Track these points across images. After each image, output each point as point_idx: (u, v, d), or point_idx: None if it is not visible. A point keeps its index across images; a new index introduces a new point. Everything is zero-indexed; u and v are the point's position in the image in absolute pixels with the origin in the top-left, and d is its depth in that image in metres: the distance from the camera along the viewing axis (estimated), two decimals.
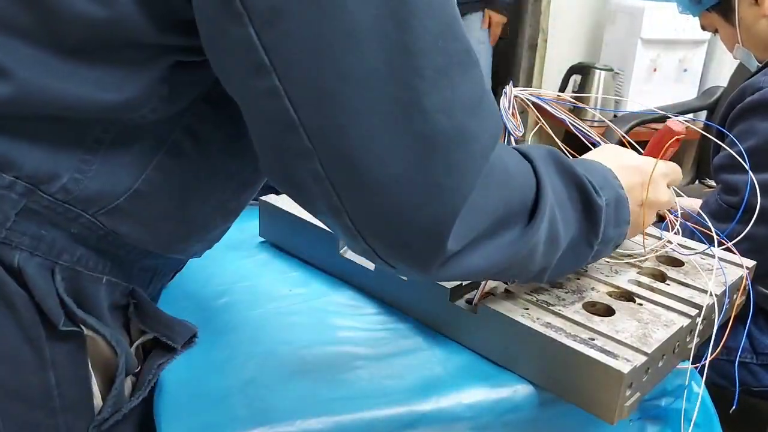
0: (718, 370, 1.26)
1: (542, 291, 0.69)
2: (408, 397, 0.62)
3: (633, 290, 0.71)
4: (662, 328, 0.64)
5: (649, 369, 0.61)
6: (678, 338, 0.65)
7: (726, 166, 1.12)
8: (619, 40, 2.74)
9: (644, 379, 0.60)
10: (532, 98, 0.80)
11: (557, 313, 0.65)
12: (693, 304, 0.69)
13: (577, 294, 0.69)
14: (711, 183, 2.06)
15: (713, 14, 1.25)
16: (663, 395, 0.70)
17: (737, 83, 1.36)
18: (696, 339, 0.68)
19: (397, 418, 0.61)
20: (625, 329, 0.63)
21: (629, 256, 0.77)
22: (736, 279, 0.76)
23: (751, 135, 1.08)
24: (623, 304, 0.68)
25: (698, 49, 2.69)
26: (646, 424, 0.70)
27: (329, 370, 0.66)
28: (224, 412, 0.60)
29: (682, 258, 0.79)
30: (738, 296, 0.78)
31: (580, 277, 0.73)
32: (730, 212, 1.08)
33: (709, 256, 0.79)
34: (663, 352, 0.63)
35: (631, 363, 0.58)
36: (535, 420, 0.65)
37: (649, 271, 0.76)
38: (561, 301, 0.67)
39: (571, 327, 0.63)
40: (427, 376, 0.65)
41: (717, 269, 0.75)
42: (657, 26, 2.59)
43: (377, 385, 0.64)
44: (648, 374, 0.61)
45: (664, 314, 0.67)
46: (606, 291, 0.70)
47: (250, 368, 0.65)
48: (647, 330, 0.63)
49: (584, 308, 0.67)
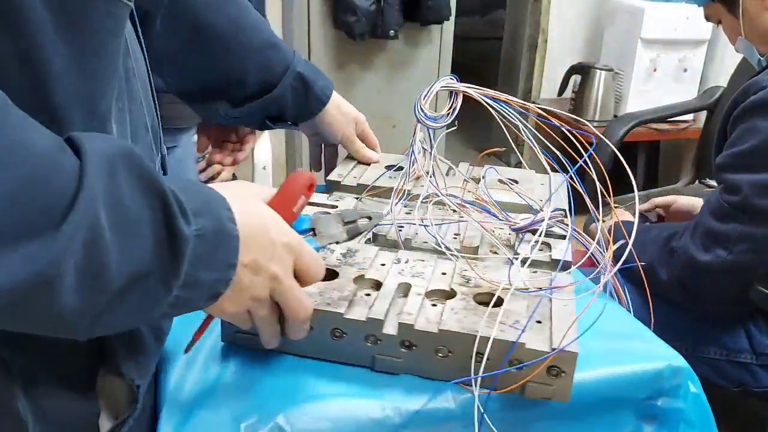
0: (718, 371, 1.26)
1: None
2: (401, 396, 0.62)
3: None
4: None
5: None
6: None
7: (728, 165, 1.11)
8: (619, 40, 2.74)
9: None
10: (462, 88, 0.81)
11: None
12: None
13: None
14: (711, 183, 2.06)
15: (717, 5, 1.26)
16: (659, 395, 0.69)
17: (738, 83, 1.36)
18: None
19: (390, 417, 0.61)
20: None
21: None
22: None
23: (753, 134, 1.08)
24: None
25: (698, 49, 2.69)
26: (642, 424, 0.70)
27: (323, 368, 0.66)
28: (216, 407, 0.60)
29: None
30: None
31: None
32: (731, 212, 1.08)
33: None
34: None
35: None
36: (527, 419, 0.65)
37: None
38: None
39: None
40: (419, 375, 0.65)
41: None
42: (657, 26, 2.59)
43: (370, 384, 0.64)
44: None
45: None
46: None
47: (242, 364, 0.65)
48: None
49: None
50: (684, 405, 0.69)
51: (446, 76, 0.86)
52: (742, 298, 1.15)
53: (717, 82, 2.57)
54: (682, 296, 1.18)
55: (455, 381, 0.62)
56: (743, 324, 1.24)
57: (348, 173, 0.98)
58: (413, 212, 0.81)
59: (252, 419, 0.59)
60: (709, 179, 2.11)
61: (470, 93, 0.82)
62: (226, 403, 0.61)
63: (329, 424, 0.60)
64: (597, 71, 2.67)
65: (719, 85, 2.23)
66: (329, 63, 2.75)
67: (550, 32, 3.05)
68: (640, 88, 2.69)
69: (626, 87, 2.71)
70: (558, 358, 0.60)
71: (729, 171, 1.11)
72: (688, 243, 1.13)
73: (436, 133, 0.89)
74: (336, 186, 0.95)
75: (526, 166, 1.01)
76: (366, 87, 2.85)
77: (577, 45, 3.09)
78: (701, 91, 2.52)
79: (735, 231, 1.08)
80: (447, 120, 0.86)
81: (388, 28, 2.61)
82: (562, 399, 0.62)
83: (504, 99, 0.80)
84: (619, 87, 2.75)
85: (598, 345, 0.71)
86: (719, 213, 1.10)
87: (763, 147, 1.06)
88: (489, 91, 0.81)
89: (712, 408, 0.70)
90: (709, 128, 2.15)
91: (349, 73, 2.80)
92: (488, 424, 0.61)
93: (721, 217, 1.10)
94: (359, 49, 2.75)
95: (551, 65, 3.09)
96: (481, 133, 3.18)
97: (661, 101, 2.42)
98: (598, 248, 0.74)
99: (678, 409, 0.69)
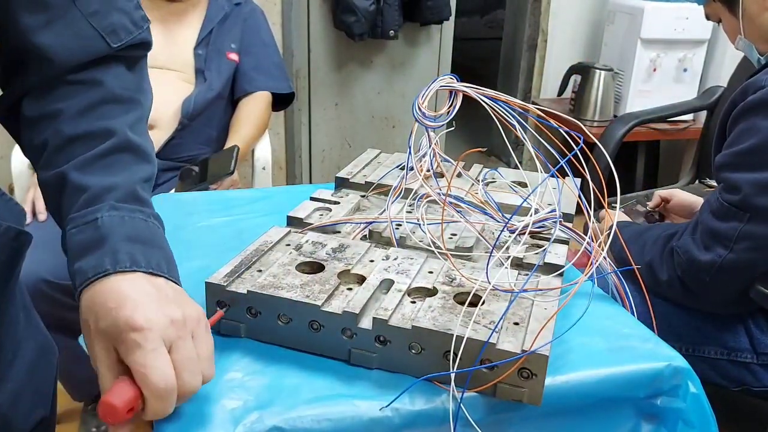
0: (718, 370, 1.26)
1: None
2: (401, 397, 0.62)
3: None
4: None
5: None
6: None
7: (727, 164, 1.11)
8: (619, 40, 2.74)
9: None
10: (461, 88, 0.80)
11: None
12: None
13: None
14: (711, 183, 2.06)
15: (717, 4, 1.26)
16: (659, 394, 0.69)
17: (737, 83, 1.35)
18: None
19: (390, 417, 0.61)
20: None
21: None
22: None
23: (752, 133, 1.07)
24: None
25: (698, 49, 2.69)
26: (640, 423, 0.70)
27: (323, 369, 0.66)
28: (216, 407, 0.60)
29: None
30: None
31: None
32: (731, 211, 1.08)
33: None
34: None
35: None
36: (527, 418, 0.65)
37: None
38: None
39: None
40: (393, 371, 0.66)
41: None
42: (657, 26, 2.59)
43: (370, 385, 0.64)
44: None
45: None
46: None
47: (241, 364, 0.66)
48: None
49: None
50: (683, 405, 0.69)
51: (445, 75, 0.86)
52: (742, 297, 1.14)
53: (717, 82, 2.57)
54: (682, 296, 1.18)
55: (424, 377, 0.62)
56: (744, 323, 1.24)
57: (358, 171, 0.98)
58: (414, 212, 0.81)
59: (251, 419, 0.59)
60: (709, 179, 2.11)
61: (468, 92, 0.82)
62: (225, 403, 0.61)
63: (329, 424, 0.60)
64: (597, 71, 2.67)
65: (719, 85, 2.23)
66: (329, 63, 2.76)
67: (550, 32, 3.05)
68: (640, 88, 2.70)
69: (626, 87, 2.71)
70: (529, 360, 0.59)
71: (729, 170, 1.11)
72: (688, 242, 1.13)
73: (435, 133, 0.89)
74: (344, 183, 0.95)
75: (519, 167, 1.01)
76: (366, 87, 2.85)
77: (577, 45, 3.10)
78: (701, 91, 2.52)
79: (735, 230, 1.08)
80: (445, 120, 0.86)
81: (388, 28, 2.61)
82: (533, 402, 0.61)
83: (504, 100, 0.80)
84: (619, 87, 2.75)
85: (599, 344, 0.71)
86: (719, 212, 1.10)
87: (763, 146, 1.06)
88: (488, 90, 0.81)
89: (712, 407, 0.70)
90: (709, 128, 2.15)
91: (349, 73, 2.80)
92: (470, 421, 0.61)
93: (722, 216, 1.09)
94: (359, 49, 2.76)
95: (551, 65, 3.09)
96: (482, 133, 3.19)
97: (661, 101, 2.42)
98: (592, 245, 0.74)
99: (677, 408, 0.69)
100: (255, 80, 1.84)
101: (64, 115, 0.63)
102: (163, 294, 0.57)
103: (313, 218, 0.85)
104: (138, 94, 0.69)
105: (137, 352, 0.52)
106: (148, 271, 0.58)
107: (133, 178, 0.63)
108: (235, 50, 1.83)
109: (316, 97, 2.79)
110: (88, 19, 0.63)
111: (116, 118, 0.65)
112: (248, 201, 1.07)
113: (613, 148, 2.01)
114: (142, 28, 0.68)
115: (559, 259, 0.75)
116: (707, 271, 1.11)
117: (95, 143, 0.63)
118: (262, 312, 0.67)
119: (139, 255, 0.58)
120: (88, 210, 0.60)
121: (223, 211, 1.01)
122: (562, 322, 0.67)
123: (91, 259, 0.57)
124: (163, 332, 0.54)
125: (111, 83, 0.66)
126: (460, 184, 0.90)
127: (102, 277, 0.56)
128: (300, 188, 1.18)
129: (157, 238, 0.62)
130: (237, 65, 1.83)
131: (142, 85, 0.70)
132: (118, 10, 0.66)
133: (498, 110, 0.79)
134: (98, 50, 0.64)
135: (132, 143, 0.65)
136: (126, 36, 0.66)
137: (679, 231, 1.18)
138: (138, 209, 0.62)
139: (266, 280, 0.69)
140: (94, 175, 0.62)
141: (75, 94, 0.64)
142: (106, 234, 0.58)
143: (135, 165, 0.65)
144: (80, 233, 0.59)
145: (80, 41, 0.63)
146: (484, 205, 0.83)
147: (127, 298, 0.54)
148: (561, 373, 0.66)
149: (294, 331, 0.66)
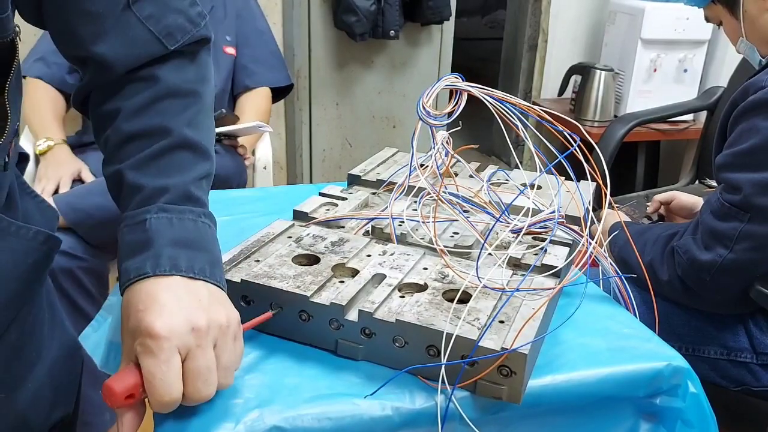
0: (718, 370, 1.26)
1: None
2: (401, 396, 0.62)
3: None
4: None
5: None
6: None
7: (728, 164, 1.11)
8: (619, 40, 2.74)
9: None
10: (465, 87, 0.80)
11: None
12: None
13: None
14: (711, 183, 2.06)
15: (718, 6, 1.26)
16: (658, 394, 0.70)
17: (738, 83, 1.35)
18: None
19: (390, 416, 0.61)
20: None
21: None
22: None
23: (753, 134, 1.07)
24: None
25: (698, 49, 2.69)
26: (639, 421, 0.70)
27: (323, 368, 0.66)
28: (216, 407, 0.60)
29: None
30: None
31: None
32: (731, 211, 1.08)
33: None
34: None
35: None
36: (527, 416, 0.65)
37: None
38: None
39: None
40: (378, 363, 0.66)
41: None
42: (657, 26, 2.59)
43: (370, 385, 0.64)
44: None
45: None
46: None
47: (244, 362, 0.65)
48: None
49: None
50: (683, 404, 0.69)
51: (450, 74, 0.86)
52: (742, 297, 1.14)
53: (717, 82, 2.57)
54: (682, 295, 1.18)
55: (405, 370, 0.63)
56: (744, 323, 1.24)
57: (372, 169, 0.98)
58: (419, 209, 0.81)
59: (252, 417, 0.59)
60: (709, 179, 2.11)
61: (473, 92, 0.82)
62: (225, 403, 0.61)
63: (330, 423, 0.60)
64: (597, 71, 2.67)
65: (719, 85, 2.23)
66: (330, 63, 2.76)
67: (550, 32, 3.05)
68: (640, 88, 2.69)
69: (626, 87, 2.71)
70: (509, 358, 0.60)
71: (729, 170, 1.11)
72: (689, 242, 1.13)
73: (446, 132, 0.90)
74: (356, 180, 0.96)
75: (519, 166, 1.01)
76: (366, 87, 2.85)
77: (577, 45, 3.09)
78: (701, 91, 2.51)
79: (736, 230, 1.08)
80: (449, 119, 0.86)
81: (389, 28, 2.61)
82: (513, 400, 0.62)
83: (513, 102, 0.79)
84: (619, 87, 2.74)
85: (599, 344, 0.71)
86: (720, 212, 1.10)
87: (763, 146, 1.06)
88: (494, 91, 0.81)
89: (712, 407, 0.70)
90: (710, 128, 2.15)
91: (350, 73, 2.80)
92: (466, 420, 0.61)
93: (722, 216, 1.10)
94: (360, 49, 2.75)
95: (551, 65, 3.09)
96: (483, 132, 3.18)
97: (662, 101, 2.42)
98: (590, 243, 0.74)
99: (676, 408, 0.69)
100: (255, 74, 1.83)
101: (122, 112, 0.64)
102: (195, 299, 0.57)
103: (318, 213, 0.86)
104: (198, 85, 0.68)
105: (150, 359, 0.53)
106: (189, 275, 0.58)
107: (186, 178, 0.63)
108: (231, 43, 1.82)
109: (316, 96, 2.79)
110: (143, 23, 0.64)
111: (173, 115, 0.65)
112: (249, 200, 1.08)
113: (614, 148, 2.01)
114: (199, 25, 0.68)
115: (557, 261, 0.76)
116: (708, 271, 1.11)
117: (151, 142, 0.63)
118: (254, 301, 0.69)
119: (181, 259, 0.58)
120: (139, 210, 0.61)
121: (224, 211, 1.02)
122: (561, 322, 0.67)
123: (136, 261, 0.58)
124: (180, 340, 0.54)
125: (169, 78, 0.66)
126: (471, 184, 0.91)
127: (142, 279, 0.57)
128: (301, 188, 1.18)
129: (205, 240, 0.62)
130: (234, 59, 1.82)
131: (204, 74, 0.70)
132: (173, 10, 0.65)
133: (501, 110, 0.79)
134: (154, 52, 0.65)
135: (188, 140, 0.65)
136: (182, 36, 0.66)
137: (679, 231, 1.19)
138: (189, 209, 0.62)
139: (261, 270, 0.70)
140: (148, 176, 0.62)
141: (134, 91, 0.65)
142: (152, 237, 0.59)
143: (190, 163, 0.65)
144: (130, 233, 0.60)
145: (136, 46, 0.64)
146: (487, 205, 0.83)
147: (155, 302, 0.55)
148: (561, 372, 0.66)
149: (284, 320, 0.68)
